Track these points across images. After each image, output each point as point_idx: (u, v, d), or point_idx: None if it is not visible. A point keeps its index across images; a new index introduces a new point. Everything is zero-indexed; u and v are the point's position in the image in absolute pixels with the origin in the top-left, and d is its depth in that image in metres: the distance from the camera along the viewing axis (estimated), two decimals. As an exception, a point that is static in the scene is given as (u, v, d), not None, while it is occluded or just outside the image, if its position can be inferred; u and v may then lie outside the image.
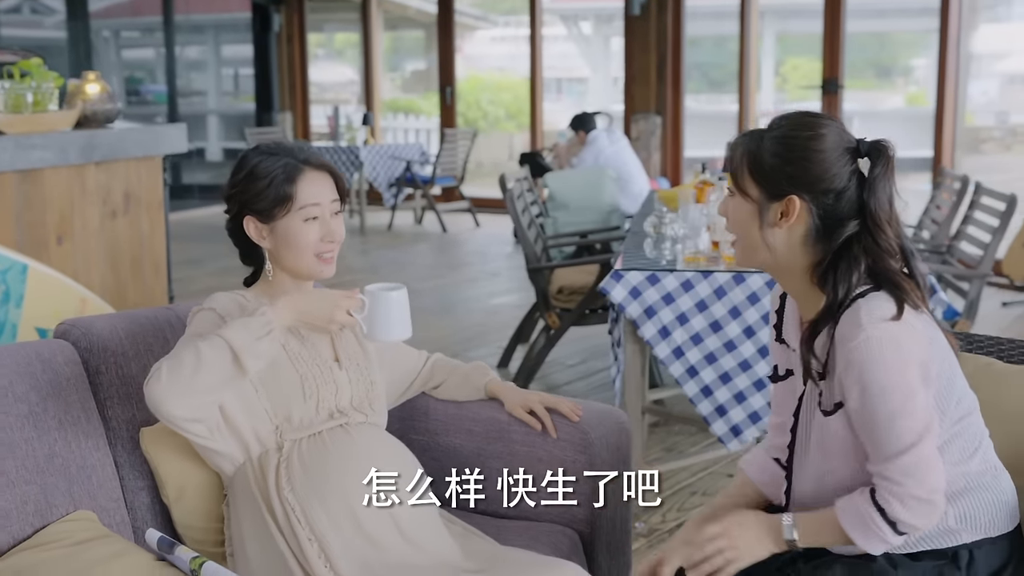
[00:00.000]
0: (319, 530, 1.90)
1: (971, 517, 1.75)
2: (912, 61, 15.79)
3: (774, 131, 1.75)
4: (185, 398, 1.82)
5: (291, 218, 2.01)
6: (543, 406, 2.24)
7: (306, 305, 1.97)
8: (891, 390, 1.65)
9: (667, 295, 3.30)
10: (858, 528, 1.71)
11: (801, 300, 1.80)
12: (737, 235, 1.80)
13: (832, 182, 1.70)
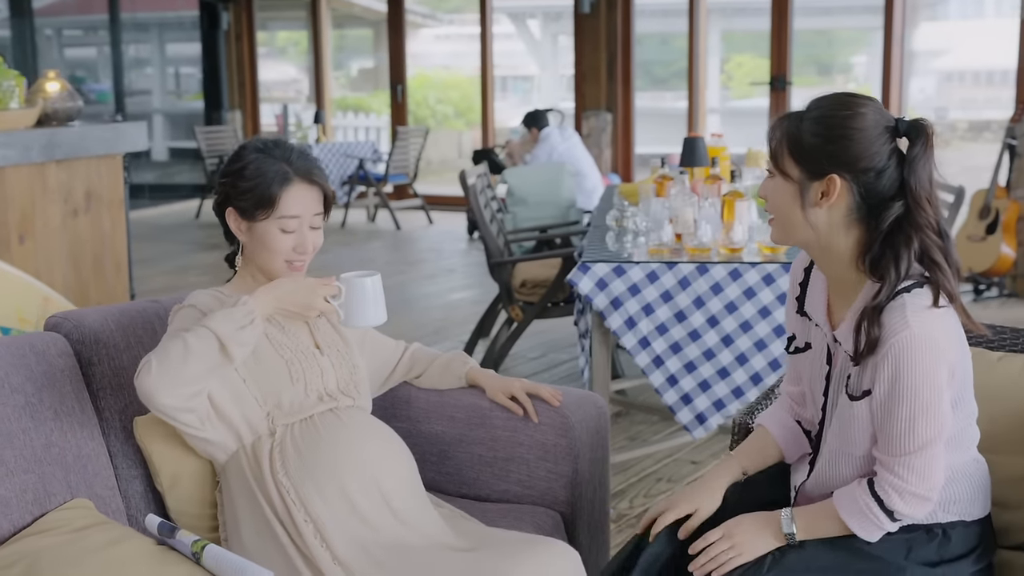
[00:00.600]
0: (314, 512, 1.95)
1: (951, 501, 1.84)
2: (852, 58, 16.06)
3: (813, 112, 1.79)
4: (175, 388, 1.86)
5: (269, 223, 2.06)
6: (524, 392, 2.31)
7: (284, 293, 2.03)
8: (920, 390, 1.72)
9: (633, 286, 3.38)
10: (855, 517, 1.79)
11: (837, 281, 1.85)
12: (777, 215, 1.85)
13: (872, 160, 1.74)
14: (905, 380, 1.72)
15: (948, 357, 1.74)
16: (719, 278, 3.36)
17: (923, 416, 1.73)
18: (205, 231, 9.94)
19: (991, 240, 6.37)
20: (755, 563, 1.81)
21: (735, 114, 14.55)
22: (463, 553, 1.94)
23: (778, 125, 1.83)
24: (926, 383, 1.72)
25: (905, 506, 1.77)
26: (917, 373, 1.71)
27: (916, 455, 1.74)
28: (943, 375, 1.73)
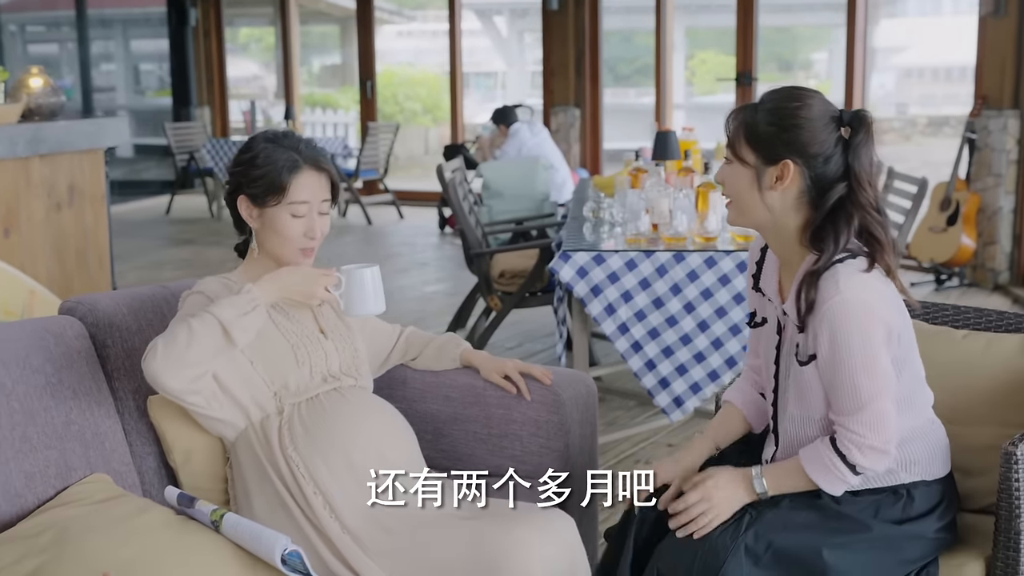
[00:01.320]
0: (323, 484, 2.06)
1: (910, 461, 1.98)
2: (813, 55, 16.28)
3: (767, 104, 1.95)
4: (180, 370, 1.97)
5: (280, 209, 2.16)
6: (517, 371, 2.43)
7: (288, 282, 2.13)
8: (856, 349, 1.87)
9: (612, 274, 3.51)
10: (820, 472, 1.93)
11: (785, 258, 2.01)
12: (734, 199, 1.99)
13: (821, 147, 1.91)
14: (842, 341, 1.87)
15: (883, 318, 1.89)
16: (695, 265, 3.49)
17: (864, 373, 1.87)
18: (177, 227, 9.98)
19: (952, 231, 6.56)
20: (735, 522, 1.94)
21: (700, 110, 14.71)
22: (467, 520, 2.05)
23: (735, 115, 1.99)
24: (861, 342, 1.87)
25: (864, 459, 1.91)
26: (852, 333, 1.86)
27: (864, 411, 1.89)
28: (878, 334, 1.88)
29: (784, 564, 1.90)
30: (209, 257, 8.35)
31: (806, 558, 1.90)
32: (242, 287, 2.08)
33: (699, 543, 1.92)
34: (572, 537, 2.06)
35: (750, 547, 1.89)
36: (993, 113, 6.60)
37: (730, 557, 1.88)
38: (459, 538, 1.99)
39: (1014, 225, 6.64)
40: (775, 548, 1.90)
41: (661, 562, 1.94)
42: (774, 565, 1.90)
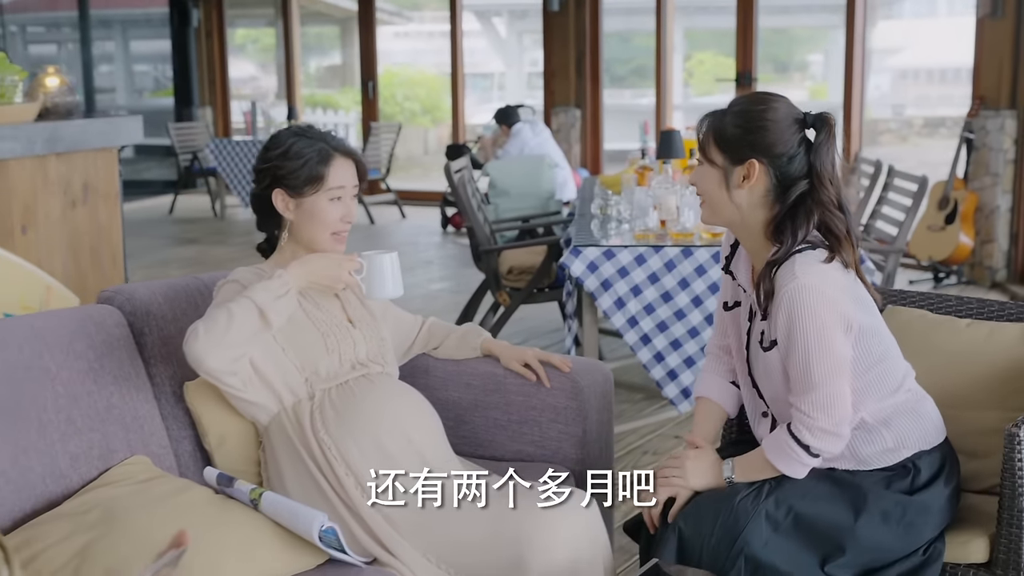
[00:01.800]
0: (354, 464, 2.15)
1: (904, 437, 2.07)
2: (808, 56, 16.37)
3: (734, 108, 2.07)
4: (221, 351, 2.05)
5: (319, 197, 2.25)
6: (537, 359, 2.51)
7: (315, 267, 2.22)
8: (809, 332, 1.97)
9: (622, 268, 3.60)
10: (779, 457, 2.04)
11: (753, 252, 2.11)
12: (706, 198, 2.11)
13: (785, 147, 2.02)
14: (796, 324, 1.97)
15: (838, 307, 1.99)
16: (702, 260, 3.58)
17: (816, 355, 1.97)
18: (180, 226, 10.06)
19: (950, 230, 6.65)
20: (755, 489, 2.03)
21: (698, 111, 14.77)
22: (492, 501, 2.13)
23: (704, 120, 2.11)
24: (814, 326, 1.97)
25: (816, 440, 2.00)
26: (805, 317, 1.97)
27: (816, 392, 1.98)
28: (833, 321, 1.98)
29: (803, 530, 1.99)
30: (214, 256, 8.43)
31: (824, 526, 1.99)
32: (274, 273, 2.17)
33: (721, 507, 2.01)
34: (594, 518, 2.14)
35: (770, 513, 1.99)
36: (991, 113, 6.70)
37: (751, 522, 1.97)
38: (485, 517, 2.08)
39: (1011, 223, 6.73)
40: (795, 514, 1.99)
41: (684, 523, 2.03)
42: (793, 530, 1.99)
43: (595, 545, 2.11)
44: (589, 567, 2.08)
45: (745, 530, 1.97)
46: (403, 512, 2.11)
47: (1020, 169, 6.66)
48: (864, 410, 2.04)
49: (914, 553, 2.02)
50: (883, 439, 2.05)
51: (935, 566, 2.03)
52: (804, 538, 1.99)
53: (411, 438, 2.21)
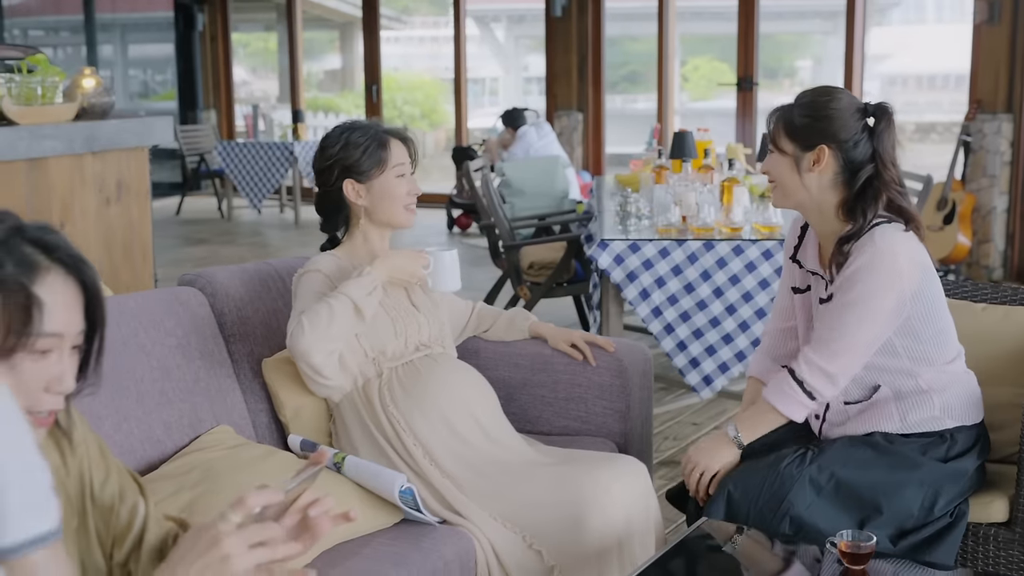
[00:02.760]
0: (422, 436, 2.32)
1: (951, 407, 2.25)
2: (796, 63, 16.57)
3: (802, 100, 2.27)
4: (323, 344, 2.23)
5: (386, 176, 2.44)
6: (583, 340, 2.69)
7: (395, 264, 2.41)
8: (865, 291, 2.16)
9: (647, 261, 3.78)
10: (778, 396, 2.24)
11: (824, 232, 2.29)
12: (778, 182, 2.30)
13: (849, 133, 2.21)
14: (855, 278, 2.16)
15: (904, 281, 2.17)
16: (723, 253, 3.76)
17: (855, 310, 2.16)
18: (189, 227, 10.20)
19: (948, 230, 6.85)
20: (799, 456, 2.21)
21: (695, 115, 14.96)
22: (552, 466, 2.32)
23: (774, 113, 2.31)
24: (871, 288, 2.15)
25: (812, 378, 2.20)
26: (868, 280, 2.16)
27: (832, 339, 2.18)
28: (889, 294, 2.16)
29: (843, 494, 2.17)
30: (225, 255, 8.57)
31: (863, 490, 2.17)
32: (359, 268, 2.35)
33: (767, 472, 2.19)
34: (645, 482, 2.32)
35: (813, 478, 2.17)
36: (987, 117, 6.91)
37: (795, 486, 2.15)
38: (546, 479, 2.26)
39: (1007, 224, 6.94)
40: (836, 479, 2.17)
41: (732, 486, 2.21)
42: (834, 494, 2.17)
43: (647, 508, 2.29)
44: (642, 526, 2.26)
45: (790, 493, 2.15)
46: (470, 478, 2.28)
47: (1016, 171, 6.87)
48: (921, 376, 2.23)
49: (943, 515, 2.20)
50: (932, 406, 2.23)
51: (960, 526, 2.21)
52: (844, 501, 2.17)
53: (472, 411, 2.39)
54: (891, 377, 2.26)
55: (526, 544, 2.19)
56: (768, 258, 3.75)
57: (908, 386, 2.26)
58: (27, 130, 4.41)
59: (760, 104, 9.13)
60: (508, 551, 2.19)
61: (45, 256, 1.22)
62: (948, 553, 2.17)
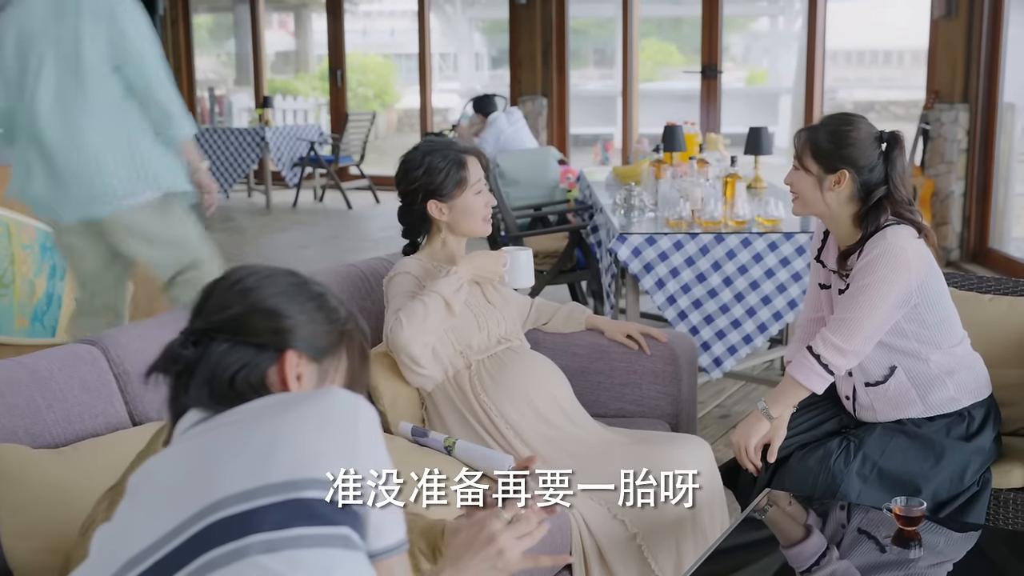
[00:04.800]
0: (512, 420, 2.61)
1: (964, 386, 2.59)
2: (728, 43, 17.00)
3: (826, 126, 2.58)
4: (420, 337, 2.51)
5: (466, 194, 2.70)
6: (639, 331, 2.99)
7: (479, 263, 2.69)
8: (875, 280, 2.47)
9: (662, 253, 4.08)
10: (798, 369, 2.56)
11: (842, 237, 2.62)
12: (800, 196, 2.62)
13: (867, 160, 2.54)
14: (868, 269, 2.48)
15: (911, 273, 2.48)
16: (732, 246, 4.08)
17: (867, 297, 2.47)
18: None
19: (909, 213, 7.25)
20: (844, 450, 2.53)
21: (643, 97, 15.29)
22: (628, 445, 2.62)
23: (800, 134, 2.63)
24: (881, 276, 2.47)
25: (827, 352, 2.52)
26: (879, 267, 2.47)
27: (849, 321, 2.49)
28: (897, 282, 2.47)
29: (886, 480, 2.50)
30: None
31: (902, 473, 2.51)
32: (446, 269, 2.62)
33: (817, 468, 2.52)
34: (710, 458, 2.63)
35: (859, 470, 2.50)
36: (945, 106, 7.31)
37: (845, 479, 2.48)
38: (626, 456, 2.55)
39: (963, 208, 7.36)
40: (879, 468, 2.50)
41: (786, 481, 2.53)
42: (878, 482, 2.50)
43: (712, 481, 2.61)
44: (708, 498, 2.57)
45: (842, 486, 2.48)
46: (558, 456, 2.57)
47: (972, 158, 7.28)
48: (931, 359, 2.56)
49: (971, 484, 2.54)
50: (947, 388, 2.56)
51: (986, 492, 2.56)
52: (888, 485, 2.50)
53: (554, 396, 2.68)
54: (904, 360, 2.58)
55: (611, 515, 2.49)
56: (773, 249, 4.07)
57: (921, 371, 2.58)
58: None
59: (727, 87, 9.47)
60: (596, 521, 2.48)
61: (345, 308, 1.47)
62: (979, 515, 2.52)
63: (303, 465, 1.19)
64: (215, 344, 1.36)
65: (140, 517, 1.22)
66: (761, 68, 17.08)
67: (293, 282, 1.43)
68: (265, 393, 1.34)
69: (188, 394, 1.35)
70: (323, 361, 1.41)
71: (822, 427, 2.72)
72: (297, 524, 1.16)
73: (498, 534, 1.47)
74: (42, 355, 2.12)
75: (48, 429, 2.00)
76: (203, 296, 1.41)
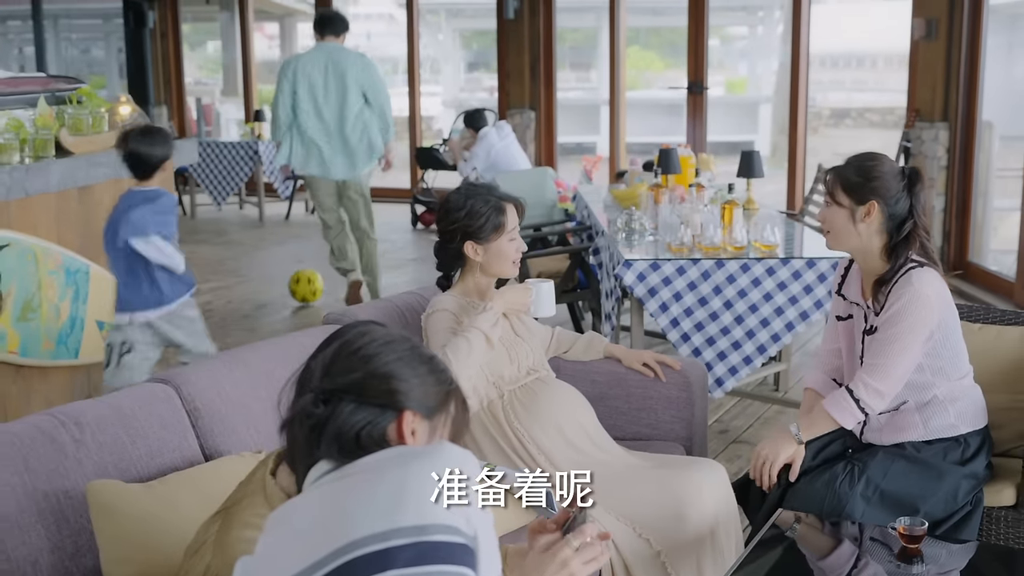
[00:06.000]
0: (544, 446, 2.81)
1: (964, 414, 2.81)
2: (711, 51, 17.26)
3: (853, 163, 2.82)
4: (466, 371, 2.71)
5: (502, 239, 2.90)
6: (654, 360, 3.20)
7: (510, 298, 2.89)
8: (903, 328, 2.71)
9: (666, 278, 4.30)
10: (836, 408, 2.79)
11: (868, 269, 2.84)
12: (833, 230, 2.84)
13: (893, 192, 2.77)
14: (899, 317, 2.71)
15: (934, 315, 2.72)
16: (732, 271, 4.30)
17: (897, 343, 2.71)
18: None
19: (891, 228, 7.50)
20: (848, 474, 2.74)
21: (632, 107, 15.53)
22: (650, 469, 2.82)
23: (830, 172, 2.87)
24: (909, 324, 2.71)
25: (866, 395, 2.75)
26: (907, 316, 2.71)
27: (882, 365, 2.73)
28: (921, 327, 2.71)
29: (887, 501, 2.72)
30: (201, 255, 8.83)
31: (902, 495, 2.73)
32: (482, 305, 2.82)
33: (824, 490, 2.73)
34: (726, 480, 2.84)
35: (862, 492, 2.72)
36: (926, 125, 7.57)
37: (850, 502, 2.70)
38: (648, 480, 2.76)
39: (944, 223, 7.63)
40: (881, 491, 2.72)
41: (795, 502, 2.74)
42: (880, 503, 2.72)
43: (728, 502, 2.81)
44: (725, 517, 2.78)
45: (847, 507, 2.69)
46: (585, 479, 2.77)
47: (952, 174, 7.55)
48: (938, 387, 2.78)
49: (965, 504, 2.77)
50: (948, 415, 2.79)
51: (979, 511, 2.78)
52: (889, 506, 2.72)
53: (582, 423, 2.88)
54: (916, 389, 2.81)
55: (636, 534, 2.69)
56: (771, 274, 4.29)
57: (928, 398, 2.81)
58: (84, 159, 4.78)
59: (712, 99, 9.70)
60: (623, 539, 2.68)
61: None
62: (972, 532, 2.74)
63: (428, 511, 1.39)
64: (342, 404, 1.57)
65: (282, 551, 1.42)
66: (740, 77, 17.33)
67: (408, 347, 1.64)
68: (385, 446, 1.54)
69: (320, 448, 1.55)
70: (433, 418, 1.61)
71: (828, 448, 2.93)
72: (427, 563, 1.35)
73: (570, 560, 1.67)
74: (123, 394, 2.31)
75: (134, 464, 2.19)
76: (330, 359, 1.62)
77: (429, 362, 1.66)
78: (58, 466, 2.06)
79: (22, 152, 4.49)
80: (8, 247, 4.33)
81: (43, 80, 5.62)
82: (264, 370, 2.58)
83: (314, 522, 1.42)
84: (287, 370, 2.59)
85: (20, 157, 4.46)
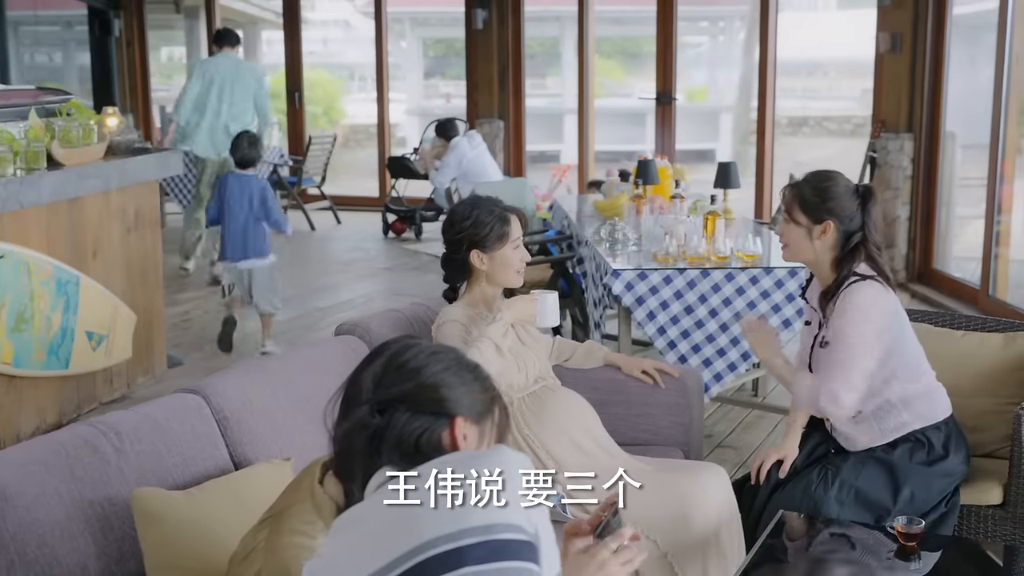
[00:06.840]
0: (553, 452, 2.91)
1: (916, 414, 2.92)
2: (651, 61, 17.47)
3: (810, 183, 2.95)
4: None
5: (506, 248, 3.00)
6: (653, 367, 3.31)
7: (517, 308, 2.98)
8: (849, 333, 2.84)
9: (653, 287, 4.41)
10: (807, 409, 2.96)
11: (822, 280, 2.97)
12: (790, 245, 2.98)
13: (847, 211, 2.90)
14: (843, 326, 2.85)
15: (878, 323, 2.85)
16: (717, 280, 4.42)
17: (845, 344, 2.84)
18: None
19: (858, 236, 7.68)
20: (823, 479, 2.87)
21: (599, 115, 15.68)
22: (656, 472, 2.93)
23: (789, 190, 3.00)
24: (853, 330, 2.84)
25: (827, 410, 2.88)
26: (848, 323, 2.84)
27: (837, 366, 2.84)
28: (871, 332, 2.84)
29: (860, 501, 2.87)
30: (169, 267, 8.79)
31: (874, 496, 2.87)
32: (491, 315, 2.92)
33: (803, 494, 2.87)
34: (727, 483, 2.95)
35: (837, 495, 2.86)
36: (891, 136, 7.76)
37: (825, 504, 2.84)
38: (654, 483, 2.86)
39: (909, 231, 7.82)
40: (855, 491, 2.86)
41: (781, 504, 2.87)
42: (853, 503, 2.86)
43: (730, 503, 2.93)
44: (728, 518, 2.89)
45: (824, 508, 2.83)
46: (594, 482, 2.87)
47: (917, 184, 7.74)
48: (890, 392, 2.91)
49: (939, 505, 2.90)
50: (900, 415, 2.92)
51: (954, 514, 2.93)
52: (862, 506, 2.87)
53: (588, 429, 2.99)
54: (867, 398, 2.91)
55: (644, 535, 2.80)
56: (755, 283, 4.42)
57: (880, 403, 2.93)
58: (74, 172, 4.83)
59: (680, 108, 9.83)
60: (631, 541, 2.78)
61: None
62: (947, 530, 2.89)
63: (494, 511, 1.48)
64: (397, 414, 1.65)
65: (352, 554, 1.50)
66: (698, 85, 17.54)
67: (453, 357, 1.73)
68: (443, 451, 1.63)
69: (381, 456, 1.64)
70: (482, 423, 1.71)
71: (817, 450, 3.06)
72: (498, 559, 1.44)
73: (607, 562, 1.76)
74: (156, 404, 2.38)
75: (170, 472, 2.26)
76: (380, 372, 1.70)
77: (474, 371, 1.76)
78: (102, 475, 2.13)
79: (15, 164, 4.52)
80: (3, 258, 4.36)
81: (33, 92, 5.66)
82: (284, 379, 2.66)
83: (385, 525, 1.51)
84: (306, 379, 2.70)
85: (13, 169, 4.50)
